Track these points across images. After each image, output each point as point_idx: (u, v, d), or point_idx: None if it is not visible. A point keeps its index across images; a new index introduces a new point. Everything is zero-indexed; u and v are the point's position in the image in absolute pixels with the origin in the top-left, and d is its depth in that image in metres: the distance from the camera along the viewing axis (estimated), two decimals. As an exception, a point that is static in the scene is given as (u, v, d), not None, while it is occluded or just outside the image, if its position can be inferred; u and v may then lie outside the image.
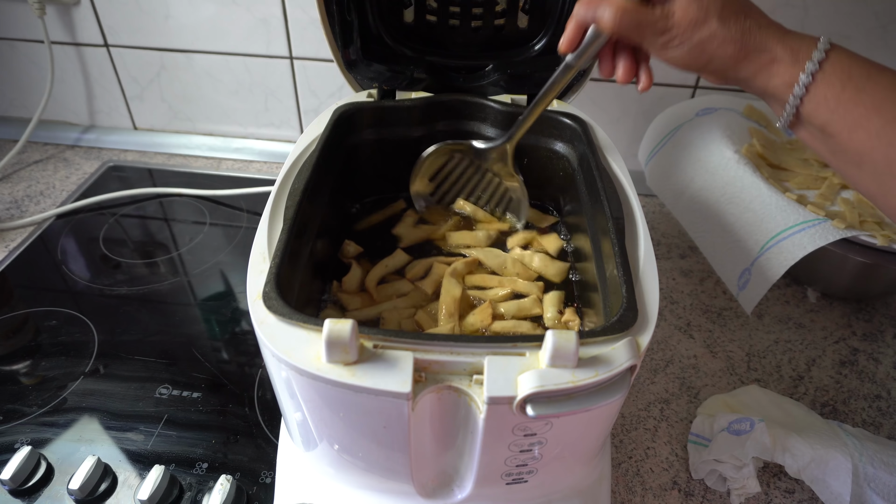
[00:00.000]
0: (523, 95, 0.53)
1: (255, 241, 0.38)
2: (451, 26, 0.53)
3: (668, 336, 0.65)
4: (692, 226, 0.67)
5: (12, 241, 0.75)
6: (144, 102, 0.93)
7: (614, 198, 0.42)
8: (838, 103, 0.34)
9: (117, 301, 0.67)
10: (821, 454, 0.47)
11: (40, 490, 0.49)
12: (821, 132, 0.36)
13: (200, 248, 0.74)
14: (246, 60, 0.85)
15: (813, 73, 0.35)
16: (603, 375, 0.30)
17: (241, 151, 0.93)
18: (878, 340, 0.64)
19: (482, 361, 0.30)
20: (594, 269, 0.42)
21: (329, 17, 0.50)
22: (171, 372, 0.58)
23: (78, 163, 0.91)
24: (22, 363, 0.60)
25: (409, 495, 0.38)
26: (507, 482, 0.37)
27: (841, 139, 0.35)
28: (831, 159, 0.37)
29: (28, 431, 0.53)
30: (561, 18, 0.51)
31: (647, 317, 0.34)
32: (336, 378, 0.30)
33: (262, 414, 0.55)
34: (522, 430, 0.32)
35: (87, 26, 0.85)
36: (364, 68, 0.52)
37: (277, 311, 0.32)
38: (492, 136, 0.53)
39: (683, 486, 0.51)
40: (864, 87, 0.34)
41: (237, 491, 0.48)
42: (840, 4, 0.69)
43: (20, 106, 0.96)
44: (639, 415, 0.56)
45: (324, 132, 0.47)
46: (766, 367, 0.61)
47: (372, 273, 0.48)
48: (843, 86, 0.34)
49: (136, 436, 0.53)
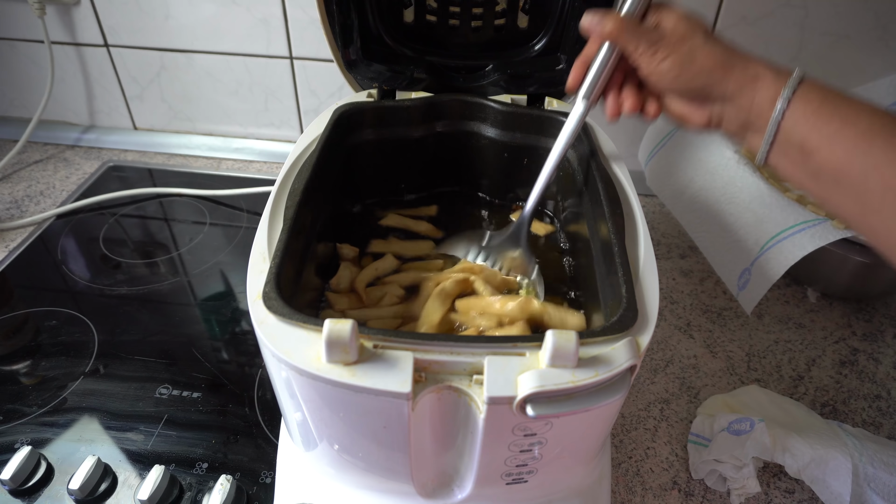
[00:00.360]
0: (523, 95, 0.53)
1: (255, 241, 0.38)
2: (451, 26, 0.53)
3: (668, 336, 0.65)
4: (692, 226, 0.67)
5: (12, 241, 0.75)
6: (144, 102, 0.93)
7: (614, 198, 0.42)
8: (817, 117, 0.36)
9: (117, 301, 0.67)
10: (821, 454, 0.47)
11: (40, 490, 0.49)
12: (800, 151, 0.37)
13: (200, 248, 0.74)
14: (246, 60, 0.85)
15: (794, 88, 0.36)
16: (603, 375, 0.30)
17: (241, 151, 0.93)
18: (878, 340, 0.64)
19: (482, 361, 0.30)
20: (594, 269, 0.42)
21: (329, 17, 0.50)
22: (171, 372, 0.58)
23: (78, 163, 0.91)
24: (22, 363, 0.60)
25: (409, 495, 0.38)
26: (507, 482, 0.37)
27: (820, 155, 0.36)
28: (811, 184, 0.38)
29: (28, 431, 0.53)
30: (561, 18, 0.51)
31: (647, 317, 0.34)
32: (336, 378, 0.30)
33: (262, 414, 0.55)
34: (522, 430, 0.32)
35: (87, 26, 0.85)
36: (364, 68, 0.52)
37: (277, 311, 0.32)
38: (492, 136, 0.53)
39: (683, 486, 0.51)
40: (839, 104, 0.36)
41: (237, 491, 0.48)
42: (840, 4, 0.69)
43: (20, 106, 0.96)
44: (639, 415, 0.56)
45: (324, 132, 0.47)
46: (766, 367, 0.61)
47: (361, 275, 0.47)
48: (820, 102, 0.36)
49: (136, 436, 0.53)
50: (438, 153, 0.55)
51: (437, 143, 0.54)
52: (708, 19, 0.72)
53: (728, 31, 0.73)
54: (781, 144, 0.38)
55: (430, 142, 0.54)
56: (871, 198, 0.34)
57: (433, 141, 0.54)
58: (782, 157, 0.38)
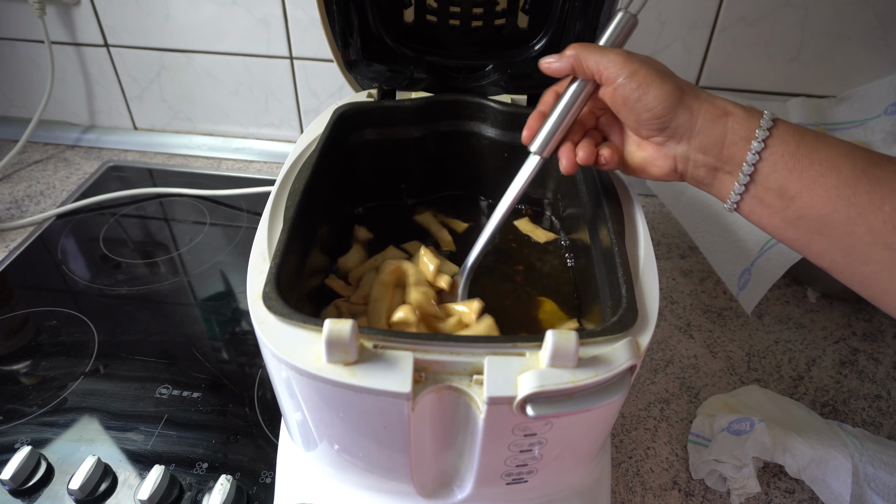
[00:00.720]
0: (523, 95, 0.53)
1: (255, 241, 0.38)
2: (451, 26, 0.53)
3: (668, 336, 0.65)
4: (692, 226, 0.67)
5: (12, 241, 0.76)
6: (144, 102, 0.93)
7: (614, 198, 0.42)
8: (796, 160, 0.33)
9: (117, 301, 0.67)
10: (821, 454, 0.47)
11: (40, 490, 0.49)
12: (779, 197, 0.34)
13: (200, 248, 0.74)
14: (246, 60, 0.85)
15: (769, 127, 0.34)
16: (603, 375, 0.30)
17: (241, 151, 0.93)
18: (878, 340, 0.64)
19: (482, 361, 0.30)
20: (594, 269, 0.42)
21: (329, 17, 0.50)
22: (171, 372, 0.58)
23: (78, 163, 0.91)
24: (22, 363, 0.60)
25: (409, 495, 0.38)
26: (507, 482, 0.37)
27: (802, 202, 0.33)
28: (790, 232, 0.35)
29: (28, 431, 0.53)
30: (561, 18, 0.51)
31: (647, 317, 0.34)
32: (336, 378, 0.30)
33: (262, 414, 0.55)
34: (522, 430, 0.32)
35: (87, 26, 0.85)
36: (364, 68, 0.52)
37: (277, 311, 0.32)
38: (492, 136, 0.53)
39: (683, 486, 0.51)
40: (817, 146, 0.33)
41: (237, 491, 0.48)
42: (840, 4, 0.69)
43: (20, 106, 0.96)
44: (639, 415, 0.56)
45: (324, 132, 0.47)
46: (766, 367, 0.61)
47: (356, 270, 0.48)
48: (797, 143, 0.34)
49: (136, 436, 0.53)
50: (438, 153, 0.55)
51: (437, 143, 0.54)
52: (708, 19, 0.73)
53: (728, 31, 0.73)
54: (758, 189, 0.35)
55: (430, 142, 0.54)
56: (858, 247, 0.32)
57: (433, 141, 0.54)
58: (757, 204, 0.36)
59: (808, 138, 0.34)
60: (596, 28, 0.49)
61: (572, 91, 0.40)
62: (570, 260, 0.51)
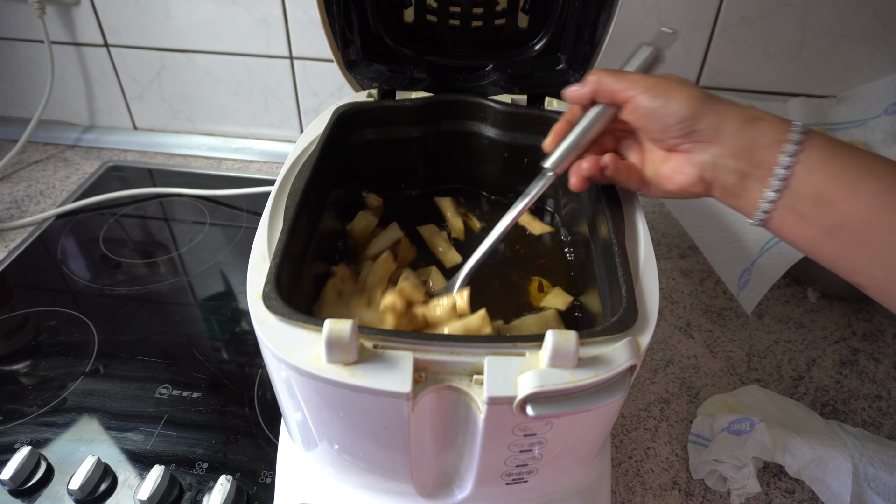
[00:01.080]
0: (523, 95, 0.53)
1: (255, 241, 0.38)
2: (451, 26, 0.53)
3: (668, 336, 0.65)
4: (692, 226, 0.67)
5: (12, 241, 0.76)
6: (144, 102, 0.93)
7: (614, 197, 0.42)
8: (833, 164, 0.31)
9: (117, 301, 0.67)
10: (821, 454, 0.47)
11: (40, 490, 0.49)
12: (814, 203, 0.32)
13: (200, 248, 0.74)
14: (246, 60, 0.85)
15: (803, 131, 0.32)
16: (603, 375, 0.30)
17: (241, 151, 0.93)
18: (878, 340, 0.64)
19: (482, 361, 0.30)
20: (594, 269, 0.42)
21: (329, 17, 0.50)
22: (171, 372, 0.58)
23: (78, 163, 0.91)
24: (22, 363, 0.60)
25: (409, 495, 0.38)
26: (507, 482, 0.37)
27: (840, 208, 0.31)
28: (826, 244, 0.33)
29: (28, 431, 0.53)
30: (561, 18, 0.51)
31: (647, 317, 0.34)
32: (336, 378, 0.30)
33: (262, 414, 0.55)
34: (522, 430, 0.32)
35: (87, 26, 0.85)
36: (364, 68, 0.52)
37: (277, 311, 0.32)
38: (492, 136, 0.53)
39: (683, 486, 0.51)
40: (850, 153, 0.32)
41: (237, 491, 0.48)
42: (840, 4, 0.69)
43: (20, 106, 0.96)
44: (639, 415, 0.56)
45: (324, 132, 0.47)
46: (766, 367, 0.61)
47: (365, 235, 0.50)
48: (832, 149, 0.32)
49: (136, 436, 0.53)
50: (438, 153, 0.55)
51: (437, 143, 0.54)
52: (708, 19, 0.73)
53: (728, 31, 0.73)
54: (791, 196, 0.33)
55: (430, 142, 0.54)
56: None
57: (433, 141, 0.54)
58: (789, 213, 0.33)
59: (842, 145, 0.33)
60: (596, 28, 0.49)
61: (593, 113, 0.40)
62: (569, 255, 0.51)
